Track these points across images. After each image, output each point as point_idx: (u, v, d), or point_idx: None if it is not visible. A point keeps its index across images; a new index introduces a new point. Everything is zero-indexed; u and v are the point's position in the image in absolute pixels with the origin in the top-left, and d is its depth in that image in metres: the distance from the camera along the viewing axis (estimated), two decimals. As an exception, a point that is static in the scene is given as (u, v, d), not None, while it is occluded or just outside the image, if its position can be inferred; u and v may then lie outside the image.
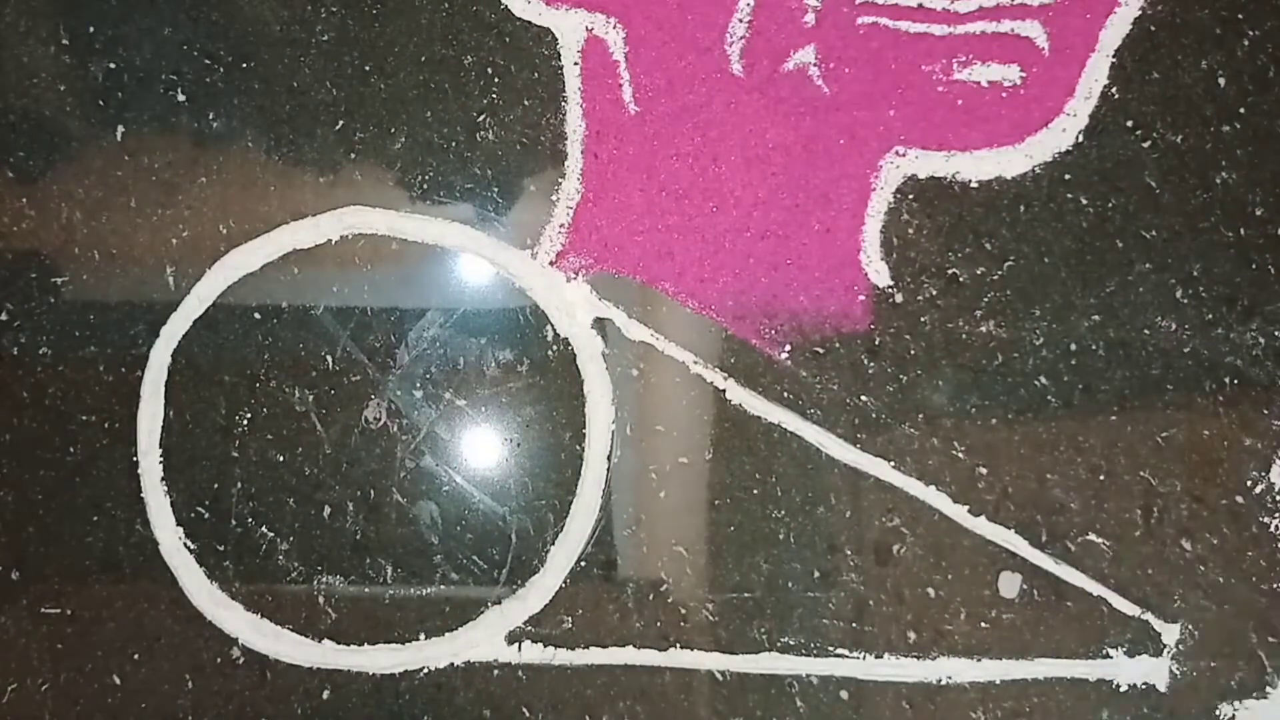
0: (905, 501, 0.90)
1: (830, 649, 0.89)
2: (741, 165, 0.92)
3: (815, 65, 0.92)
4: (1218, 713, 0.89)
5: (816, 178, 0.92)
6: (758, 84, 0.92)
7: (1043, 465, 0.91)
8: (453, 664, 0.89)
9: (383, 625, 0.90)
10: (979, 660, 0.89)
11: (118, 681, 0.89)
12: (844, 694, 0.89)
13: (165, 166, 0.93)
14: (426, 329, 0.92)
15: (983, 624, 0.90)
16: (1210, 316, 0.91)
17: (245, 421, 0.91)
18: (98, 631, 0.90)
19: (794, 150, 0.92)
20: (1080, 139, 0.92)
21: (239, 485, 0.90)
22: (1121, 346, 0.91)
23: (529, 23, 0.93)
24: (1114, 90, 0.92)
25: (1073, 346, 0.91)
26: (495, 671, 0.89)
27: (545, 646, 0.89)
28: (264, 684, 0.89)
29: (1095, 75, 0.92)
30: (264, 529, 0.90)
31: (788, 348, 0.91)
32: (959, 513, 0.90)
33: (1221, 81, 0.92)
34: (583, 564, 0.90)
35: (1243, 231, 0.92)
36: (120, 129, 0.93)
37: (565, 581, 0.90)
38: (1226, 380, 0.91)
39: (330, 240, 0.92)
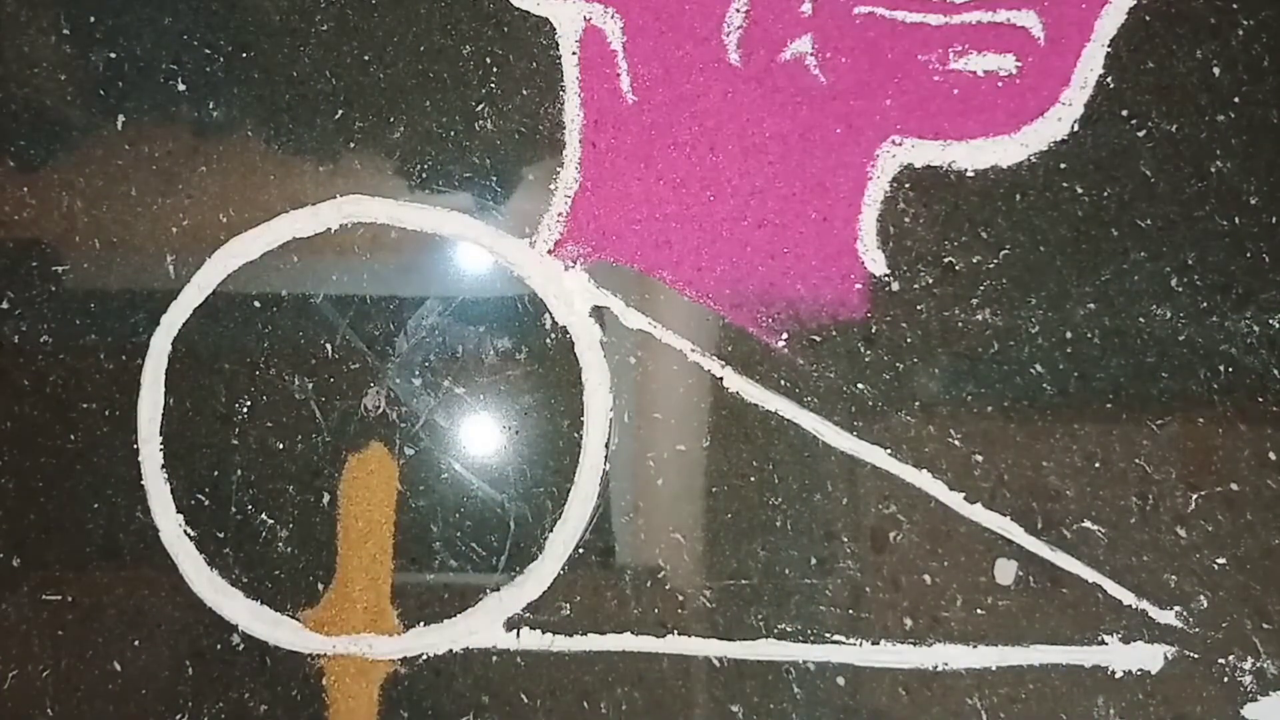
0: (902, 489, 0.91)
1: (827, 635, 0.90)
2: (739, 154, 0.93)
3: (812, 55, 0.93)
4: (1211, 697, 0.89)
5: (813, 167, 0.93)
6: (755, 73, 0.93)
7: (1038, 453, 0.91)
8: (452, 651, 0.90)
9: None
10: (975, 647, 0.90)
11: (118, 668, 0.90)
12: (841, 680, 0.89)
13: (165, 156, 0.93)
14: (425, 317, 0.92)
15: (979, 610, 0.90)
16: (1205, 305, 0.92)
17: (245, 409, 0.91)
18: (98, 618, 0.90)
19: (791, 139, 0.92)
20: (1076, 128, 0.92)
21: (239, 473, 0.91)
22: (1117, 335, 0.92)
23: (527, 12, 0.93)
24: (1109, 80, 0.92)
25: (1068, 335, 0.92)
26: (494, 658, 0.89)
27: (544, 633, 0.89)
28: (264, 670, 0.89)
29: (1090, 65, 0.92)
30: (264, 516, 0.91)
31: (785, 335, 0.92)
32: (955, 500, 0.91)
33: (1216, 71, 0.92)
34: (581, 551, 0.90)
35: (1237, 220, 0.92)
36: (120, 118, 0.93)
37: (563, 568, 0.90)
38: (1221, 368, 0.91)
39: (329, 229, 0.93)
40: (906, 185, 0.93)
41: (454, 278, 0.93)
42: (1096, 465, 0.91)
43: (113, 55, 0.93)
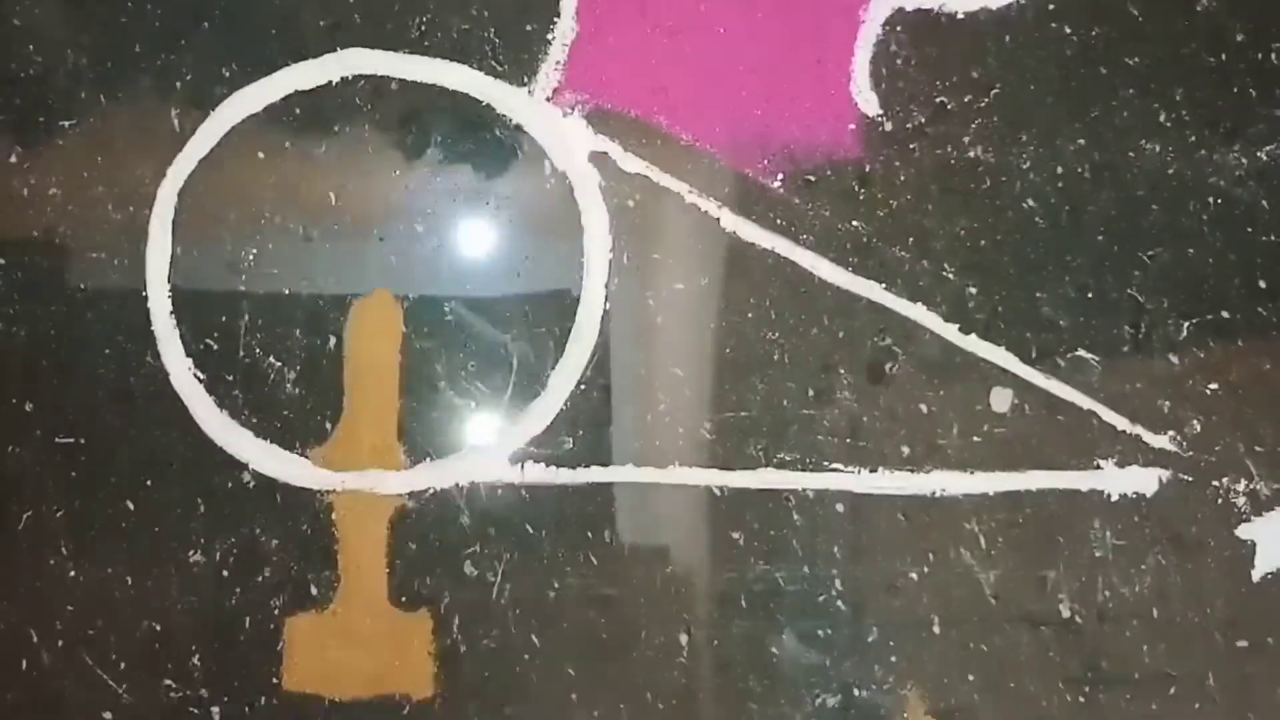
0: (897, 322, 0.92)
1: (826, 464, 0.91)
2: (733, 0, 0.94)
3: (803, -101, 0.94)
4: (1205, 519, 0.91)
5: (807, 12, 0.94)
6: (747, -81, 0.94)
7: (1031, 284, 0.92)
8: (458, 485, 0.91)
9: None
10: (972, 473, 0.91)
11: (131, 507, 0.91)
12: (840, 507, 0.91)
13: (169, 14, 0.95)
14: (427, 165, 0.94)
15: (975, 438, 0.91)
16: (1194, 139, 0.93)
17: (251, 257, 0.93)
18: (111, 459, 0.92)
19: (783, -17, 0.94)
20: (1064, -33, 0.94)
21: (246, 318, 0.92)
22: (1107, 169, 0.93)
23: None
24: (1096, -81, 0.94)
25: (1059, 170, 0.93)
26: (499, 491, 0.91)
27: (547, 466, 0.91)
28: (274, 506, 0.91)
29: (1077, -96, 0.94)
30: (271, 359, 0.92)
31: (781, 176, 0.93)
32: (950, 331, 0.92)
33: (1201, -93, 0.94)
34: (583, 387, 0.92)
35: (1224, 57, 0.94)
36: (124, -27, 0.95)
37: (566, 404, 0.92)
38: (1210, 200, 0.93)
39: (331, 82, 0.94)
40: (898, 28, 0.94)
41: (454, 127, 0.94)
42: (1089, 296, 0.92)
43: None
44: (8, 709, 0.91)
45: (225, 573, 0.91)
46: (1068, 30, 0.94)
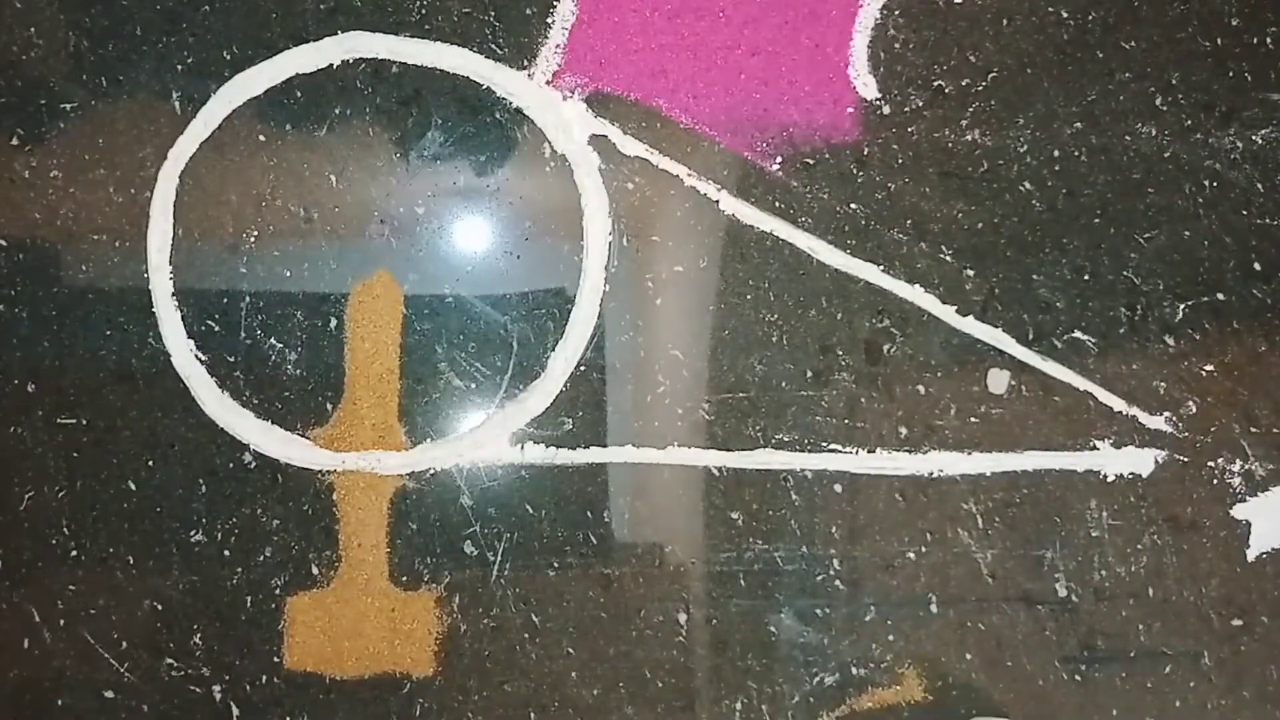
0: (895, 303, 0.93)
1: (824, 445, 0.92)
2: (731, -16, 0.95)
3: (801, -116, 0.95)
4: (1201, 499, 0.91)
5: (804, -5, 0.95)
6: (746, -96, 0.95)
7: (1028, 266, 0.93)
8: (458, 465, 0.92)
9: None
10: (969, 454, 0.92)
11: (133, 487, 0.92)
12: (838, 487, 0.92)
13: (170, -4, 0.95)
14: (427, 149, 0.94)
15: (972, 419, 0.92)
16: (1189, 122, 0.94)
17: (252, 239, 0.93)
18: (113, 440, 0.92)
19: (782, -33, 0.94)
20: (1060, -49, 0.95)
21: (247, 300, 0.93)
22: (1103, 152, 0.94)
23: None
24: (1093, -97, 0.95)
25: (1056, 153, 0.94)
26: (499, 471, 0.92)
27: (547, 447, 0.92)
28: (275, 486, 0.92)
29: (1074, -112, 0.95)
30: (273, 340, 0.93)
31: (779, 159, 0.94)
32: (947, 313, 0.93)
33: (1197, -109, 0.94)
34: (582, 369, 0.92)
35: (1220, 41, 0.94)
36: (125, -44, 0.95)
37: (565, 385, 0.92)
38: (1206, 183, 0.93)
39: (332, 64, 0.95)
40: (896, 12, 0.95)
41: (455, 110, 0.95)
42: (1085, 278, 0.93)
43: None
44: (9, 688, 0.91)
45: (226, 552, 0.91)
46: (1064, 14, 0.95)
